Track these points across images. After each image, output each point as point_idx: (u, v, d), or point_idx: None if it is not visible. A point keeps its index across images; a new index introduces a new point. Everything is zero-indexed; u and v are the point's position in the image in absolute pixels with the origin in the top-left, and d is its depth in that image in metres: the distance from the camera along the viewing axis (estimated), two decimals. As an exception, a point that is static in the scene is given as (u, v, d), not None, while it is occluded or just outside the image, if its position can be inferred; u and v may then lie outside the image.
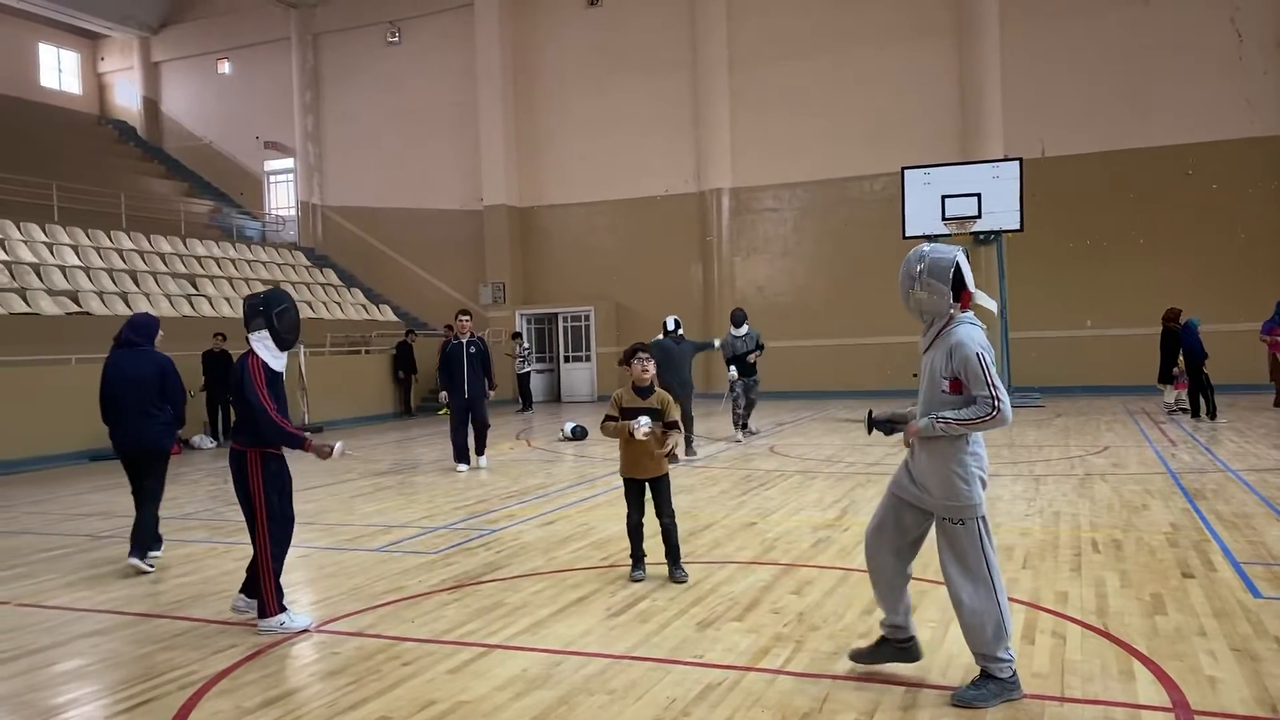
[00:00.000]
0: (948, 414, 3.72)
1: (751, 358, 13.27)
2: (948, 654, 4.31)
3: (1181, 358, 14.60)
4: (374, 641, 4.81)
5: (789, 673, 4.16)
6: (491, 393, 11.60)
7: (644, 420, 5.75)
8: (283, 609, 5.05)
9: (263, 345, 5.07)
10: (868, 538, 4.08)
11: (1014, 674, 3.78)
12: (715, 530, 7.36)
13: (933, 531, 3.97)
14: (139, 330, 6.98)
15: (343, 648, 4.74)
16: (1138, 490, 8.51)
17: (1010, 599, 5.11)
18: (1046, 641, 4.47)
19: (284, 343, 5.12)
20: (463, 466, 11.34)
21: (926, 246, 3.86)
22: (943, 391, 3.78)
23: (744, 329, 13.25)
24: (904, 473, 3.99)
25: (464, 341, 11.29)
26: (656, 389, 5.99)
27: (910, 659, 4.04)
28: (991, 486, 8.85)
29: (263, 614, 5.03)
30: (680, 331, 12.07)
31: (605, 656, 4.45)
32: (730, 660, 4.34)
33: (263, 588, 5.04)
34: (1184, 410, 14.87)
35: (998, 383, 3.68)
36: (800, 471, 10.36)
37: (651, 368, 5.96)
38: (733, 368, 13.22)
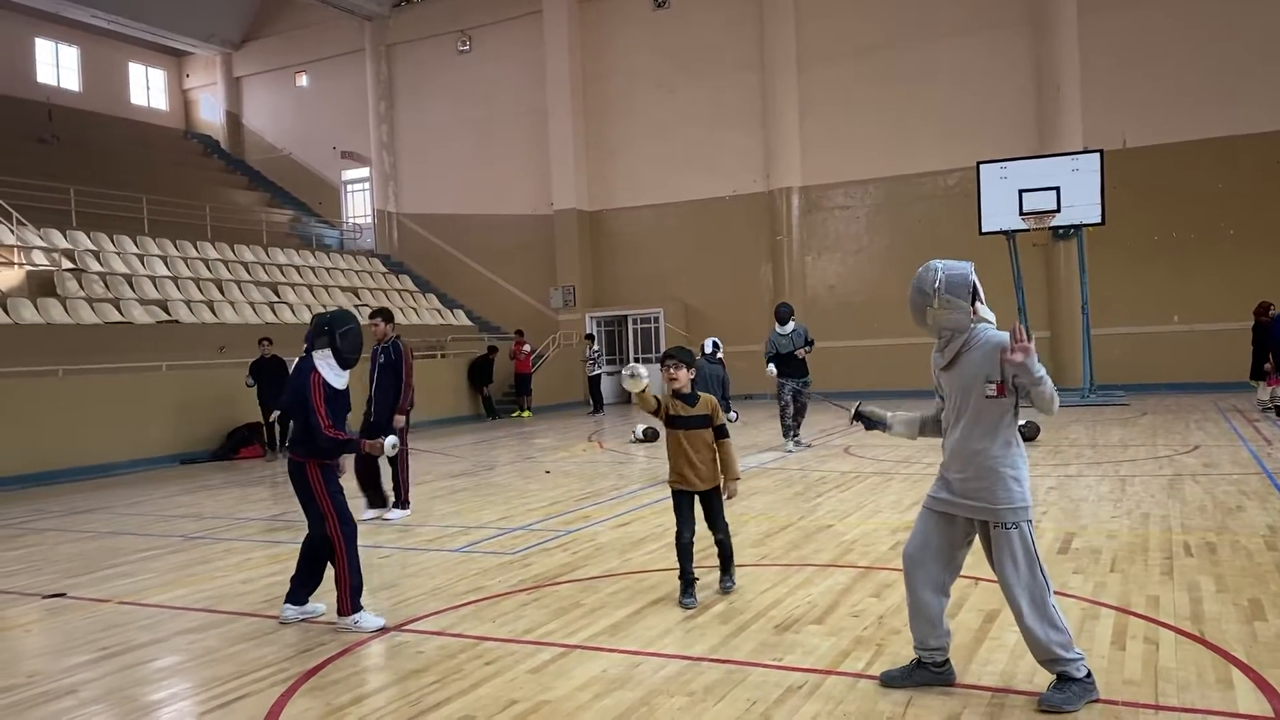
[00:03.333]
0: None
1: (800, 354, 12.23)
2: (1032, 660, 4.21)
3: (1273, 354, 14.06)
4: (456, 641, 4.89)
5: (870, 677, 4.12)
6: (400, 419, 8.68)
7: (635, 371, 5.39)
8: (358, 609, 5.19)
9: (325, 364, 5.22)
10: (908, 559, 3.94)
11: (1089, 671, 3.71)
12: (791, 533, 7.32)
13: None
14: None
15: (426, 647, 4.83)
16: (1232, 491, 8.21)
17: (1098, 603, 5.01)
18: (1139, 648, 4.34)
19: (346, 362, 5.27)
20: (369, 513, 8.66)
21: (938, 263, 3.82)
22: (988, 397, 3.71)
23: (789, 326, 12.24)
24: (943, 485, 3.89)
25: (374, 349, 8.68)
26: (700, 394, 5.64)
27: (947, 681, 3.96)
28: (1075, 487, 8.66)
29: (341, 612, 5.21)
30: (720, 355, 11.49)
31: (684, 658, 4.46)
32: (810, 663, 4.31)
33: (340, 588, 5.20)
34: (1278, 408, 14.28)
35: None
36: (876, 473, 10.23)
37: (681, 374, 5.54)
38: (771, 365, 12.25)
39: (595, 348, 22.68)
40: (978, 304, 3.77)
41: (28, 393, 13.19)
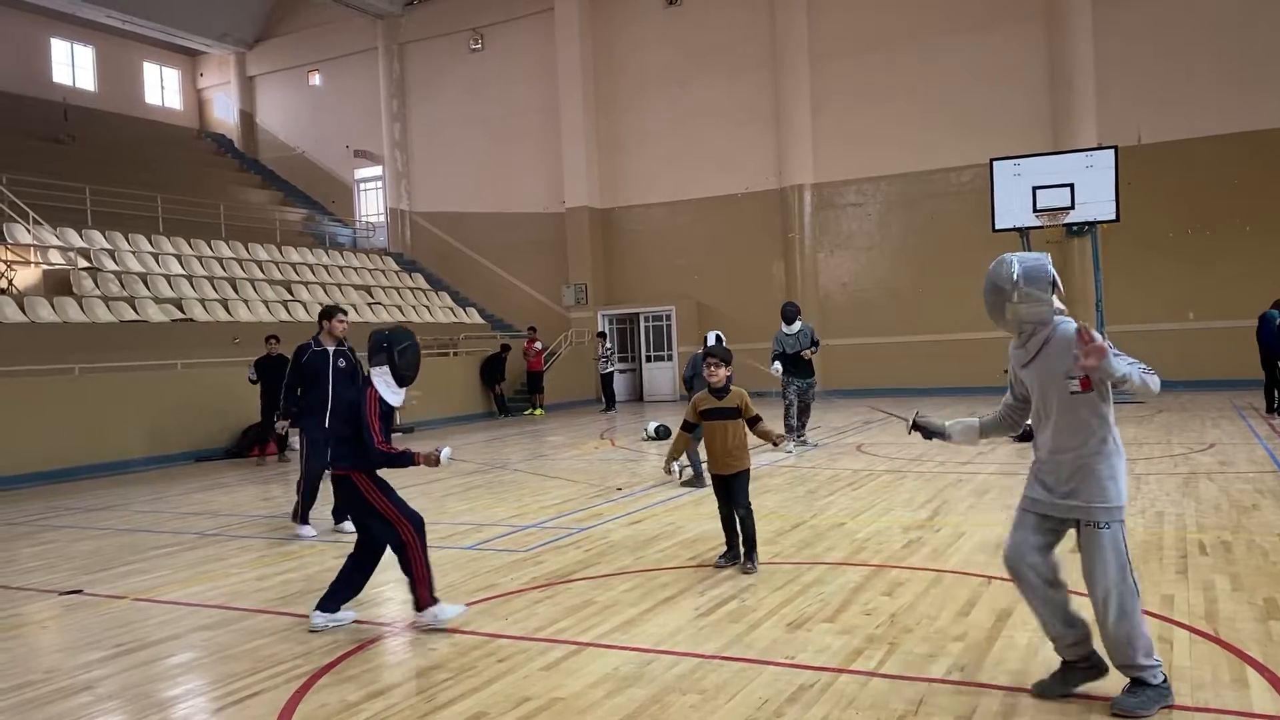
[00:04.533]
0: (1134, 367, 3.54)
1: (806, 354, 12.14)
2: (1045, 657, 4.20)
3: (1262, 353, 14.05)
4: (469, 638, 4.91)
5: (883, 675, 4.12)
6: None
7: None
8: (434, 600, 5.12)
9: (382, 380, 5.17)
10: (1010, 565, 3.85)
11: (1165, 679, 3.63)
12: (803, 530, 7.31)
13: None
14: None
15: (439, 644, 4.86)
16: (1247, 489, 8.16)
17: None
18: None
19: (403, 379, 5.22)
20: (306, 530, 8.11)
21: (1013, 257, 3.72)
22: (1073, 393, 3.61)
23: (796, 325, 12.15)
24: (1037, 484, 3.81)
25: (331, 350, 8.18)
26: (732, 388, 6.22)
27: (1098, 676, 3.79)
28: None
29: (418, 607, 5.11)
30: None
31: (696, 656, 4.46)
32: (822, 661, 4.31)
33: (420, 585, 5.09)
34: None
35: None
36: (889, 471, 10.21)
37: (720, 371, 6.19)
38: (777, 364, 12.12)
39: (608, 345, 22.70)
40: (1056, 296, 3.68)
41: (44, 391, 13.30)
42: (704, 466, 9.63)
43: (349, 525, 8.05)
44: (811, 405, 12.73)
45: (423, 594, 5.09)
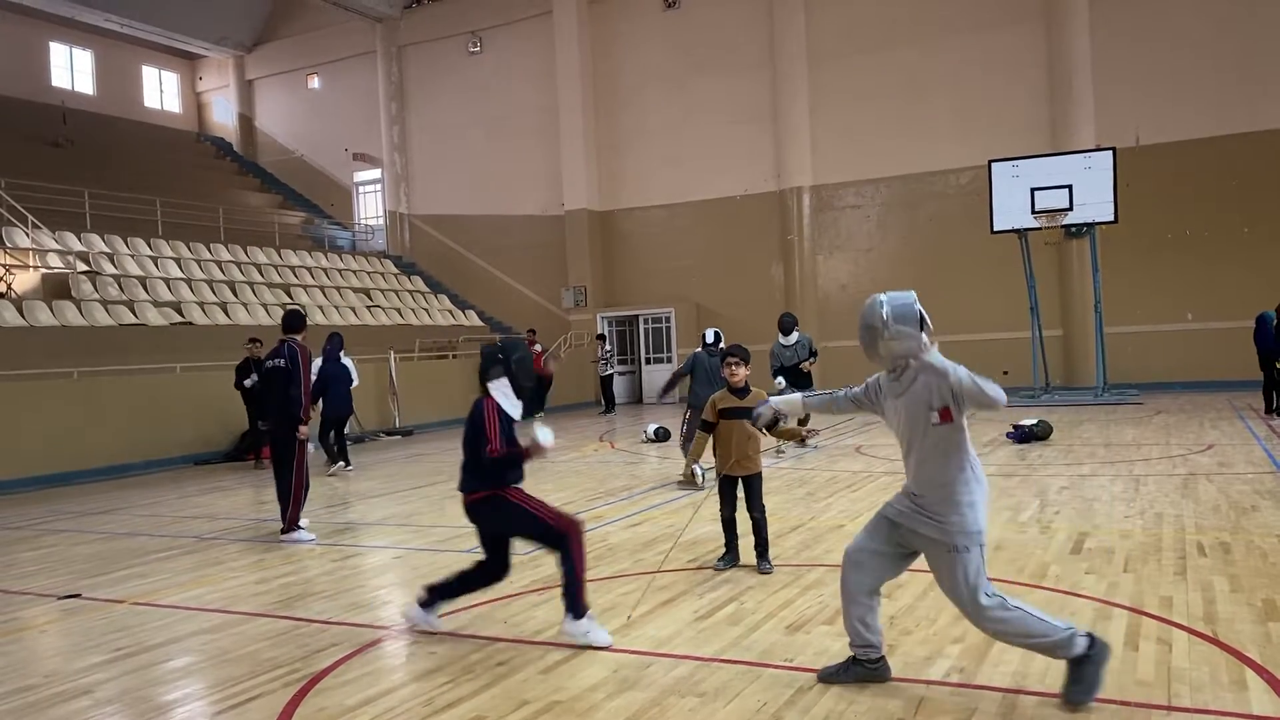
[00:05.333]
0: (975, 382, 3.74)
1: (805, 366, 12.04)
2: (1044, 660, 4.20)
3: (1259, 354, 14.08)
4: (468, 641, 4.91)
5: (883, 677, 4.11)
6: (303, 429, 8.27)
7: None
8: (587, 611, 4.83)
9: (502, 393, 4.99)
10: (847, 559, 4.03)
11: (1085, 637, 3.68)
12: (802, 533, 7.31)
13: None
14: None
15: (438, 647, 4.85)
16: (1246, 490, 8.16)
17: (1111, 604, 4.99)
18: (1151, 648, 4.33)
19: (521, 390, 5.06)
20: (305, 535, 8.09)
21: (882, 297, 3.90)
22: (933, 425, 3.79)
23: (793, 336, 12.05)
24: (905, 497, 3.96)
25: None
26: (750, 388, 6.29)
27: (882, 678, 4.01)
28: (1088, 487, 8.61)
29: (578, 613, 4.78)
30: (721, 345, 10.40)
31: (695, 659, 4.46)
32: (821, 664, 4.30)
33: (578, 590, 4.79)
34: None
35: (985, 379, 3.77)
36: (888, 473, 10.21)
37: (740, 370, 6.25)
38: (780, 379, 11.99)
39: (607, 348, 22.70)
40: (924, 333, 3.84)
41: (43, 394, 13.29)
42: (698, 469, 9.64)
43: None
44: (811, 416, 12.62)
45: (580, 601, 4.78)
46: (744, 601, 5.41)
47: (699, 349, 10.81)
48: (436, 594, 5.12)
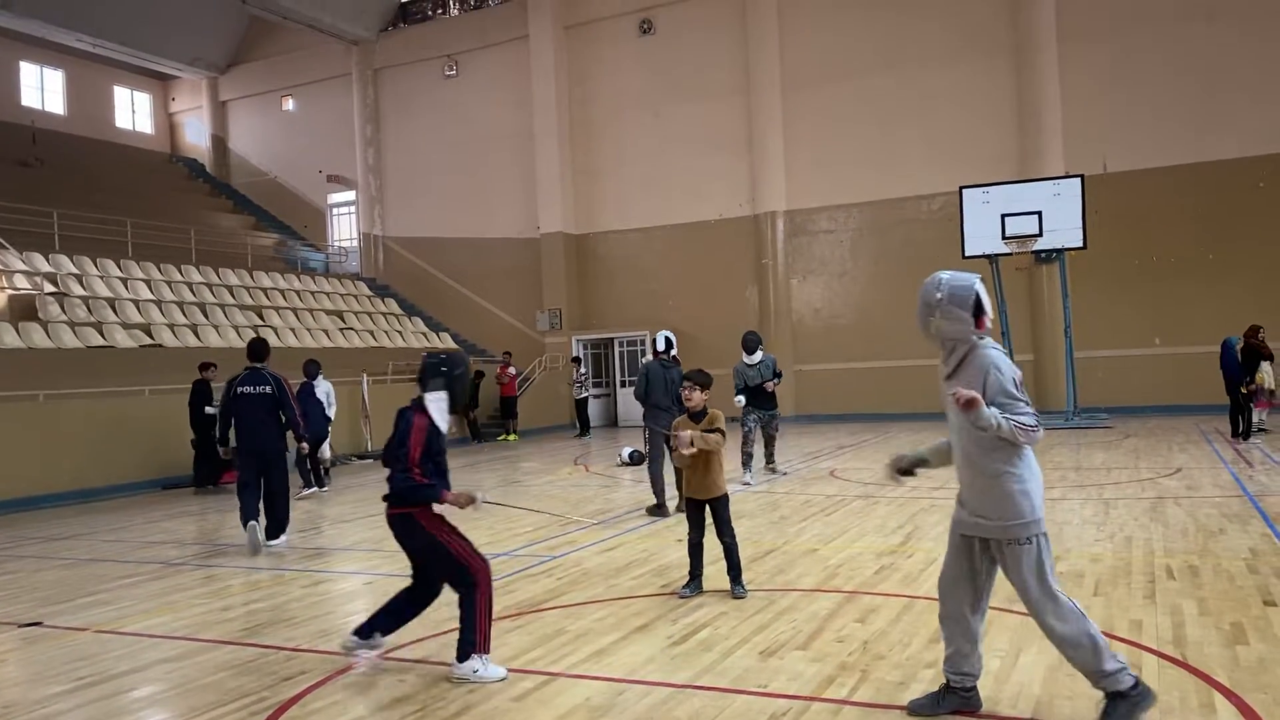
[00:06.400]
0: (1011, 416, 3.60)
1: (770, 386, 11.67)
2: (1018, 683, 4.22)
3: (1262, 374, 14.25)
4: (439, 669, 4.85)
5: (855, 703, 4.11)
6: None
7: (683, 436, 5.93)
8: (485, 650, 4.71)
9: (437, 406, 4.91)
10: (941, 585, 3.95)
11: (1135, 680, 3.62)
12: (776, 557, 7.31)
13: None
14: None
15: (408, 675, 4.79)
16: (1214, 514, 8.25)
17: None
18: (1121, 672, 4.34)
19: (455, 406, 5.01)
20: (282, 540, 8.96)
21: (945, 274, 3.84)
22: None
23: (757, 355, 11.61)
24: (959, 505, 3.89)
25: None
26: (708, 410, 6.28)
27: (975, 708, 3.91)
28: (1059, 511, 8.68)
29: (467, 655, 4.65)
30: (674, 353, 10.16)
31: (668, 685, 4.43)
32: (795, 690, 4.29)
33: (478, 631, 4.66)
34: (1264, 430, 14.46)
35: (1030, 402, 3.70)
36: (861, 496, 10.23)
37: (696, 395, 6.30)
38: (741, 398, 11.60)
39: (582, 371, 22.67)
40: (983, 318, 3.75)
41: (8, 417, 13.07)
42: (668, 496, 9.57)
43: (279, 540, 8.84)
44: (777, 436, 12.49)
45: (482, 640, 4.66)
46: (717, 627, 5.39)
47: (649, 358, 10.31)
48: (368, 629, 5.01)
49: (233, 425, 8.89)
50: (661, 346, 10.09)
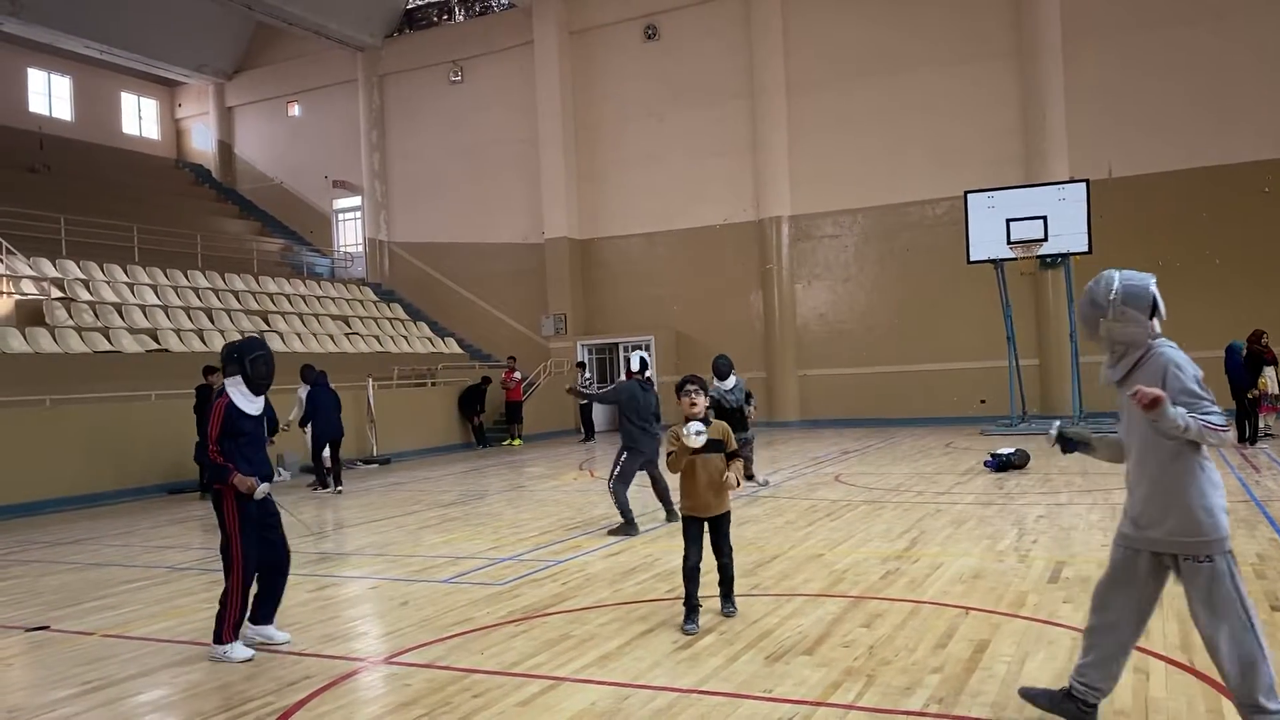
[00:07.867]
0: (1198, 416, 3.32)
1: (750, 411, 11.39)
2: (1033, 688, 4.20)
3: (1265, 380, 14.20)
4: (444, 673, 4.85)
5: (861, 708, 4.10)
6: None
7: (692, 426, 5.50)
8: (235, 638, 5.36)
9: (237, 390, 5.49)
10: (1098, 593, 3.68)
11: None
12: (782, 562, 7.30)
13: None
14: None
15: (414, 679, 4.79)
16: (1221, 519, 8.20)
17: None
18: (1129, 678, 4.32)
19: (257, 388, 5.55)
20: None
21: (1116, 273, 3.58)
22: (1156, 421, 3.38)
23: (731, 380, 11.28)
24: (1126, 518, 3.61)
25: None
26: (713, 420, 5.88)
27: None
28: (1065, 516, 8.65)
29: (221, 639, 5.30)
30: (649, 374, 9.89)
31: (673, 690, 4.43)
32: (800, 695, 4.29)
33: (224, 618, 5.32)
34: (1270, 435, 14.43)
35: (1214, 400, 3.44)
36: (867, 501, 10.22)
37: (700, 400, 5.79)
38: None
39: (587, 375, 22.67)
40: (1156, 320, 3.53)
41: (14, 422, 13.11)
42: (633, 514, 9.16)
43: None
44: (752, 457, 12.04)
45: (228, 628, 5.32)
46: (723, 632, 5.38)
47: (624, 378, 9.94)
48: (257, 614, 5.54)
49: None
50: (636, 367, 9.80)
